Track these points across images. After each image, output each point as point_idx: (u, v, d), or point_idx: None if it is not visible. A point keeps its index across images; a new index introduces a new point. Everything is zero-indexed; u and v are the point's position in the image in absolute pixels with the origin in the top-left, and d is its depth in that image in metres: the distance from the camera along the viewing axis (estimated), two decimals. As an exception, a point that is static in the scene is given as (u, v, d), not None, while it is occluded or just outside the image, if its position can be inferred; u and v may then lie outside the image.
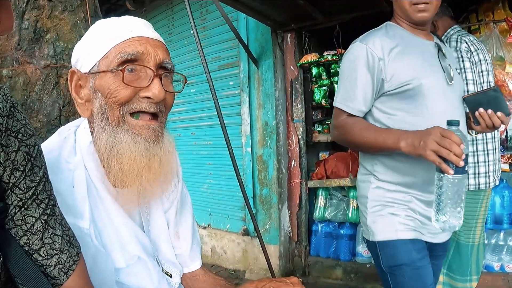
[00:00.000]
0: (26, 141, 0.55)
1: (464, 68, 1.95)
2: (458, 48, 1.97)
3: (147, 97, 0.75)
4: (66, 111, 1.65)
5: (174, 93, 0.83)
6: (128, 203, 0.80)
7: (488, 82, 2.01)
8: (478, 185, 1.99)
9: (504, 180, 2.50)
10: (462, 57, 1.96)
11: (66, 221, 0.62)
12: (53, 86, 1.63)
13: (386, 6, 2.59)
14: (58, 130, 0.82)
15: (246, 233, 3.59)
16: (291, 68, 3.29)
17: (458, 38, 2.01)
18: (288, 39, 3.29)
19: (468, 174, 1.60)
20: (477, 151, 2.00)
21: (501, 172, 2.10)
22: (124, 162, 0.74)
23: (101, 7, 1.95)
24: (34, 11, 1.61)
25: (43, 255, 0.57)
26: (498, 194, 2.49)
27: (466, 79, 1.94)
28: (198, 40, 2.15)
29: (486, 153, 2.00)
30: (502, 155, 2.40)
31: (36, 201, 0.56)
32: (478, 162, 1.99)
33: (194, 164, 4.07)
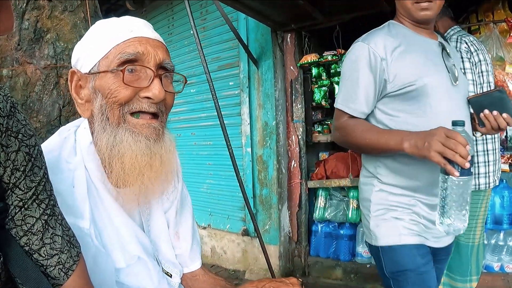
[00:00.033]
0: (27, 141, 0.55)
1: (464, 68, 1.95)
2: (458, 48, 1.98)
3: (147, 97, 0.75)
4: (66, 111, 1.65)
5: (174, 93, 0.83)
6: (128, 203, 0.80)
7: (488, 83, 2.01)
8: (478, 185, 1.99)
9: (504, 180, 2.50)
10: (462, 57, 1.96)
11: (66, 221, 0.62)
12: (53, 86, 1.63)
13: (386, 6, 2.60)
14: (58, 130, 0.82)
15: (246, 233, 3.59)
16: (291, 68, 3.29)
17: (458, 39, 2.01)
18: (288, 39, 3.29)
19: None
20: (477, 152, 2.00)
21: (501, 172, 2.11)
22: (125, 161, 0.73)
23: (101, 7, 1.95)
24: (34, 11, 1.61)
25: (43, 255, 0.57)
26: (498, 194, 2.49)
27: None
28: (198, 40, 2.15)
29: (486, 153, 2.00)
30: (502, 156, 2.40)
31: (36, 201, 0.56)
32: (478, 163, 1.99)
33: (194, 164, 4.07)
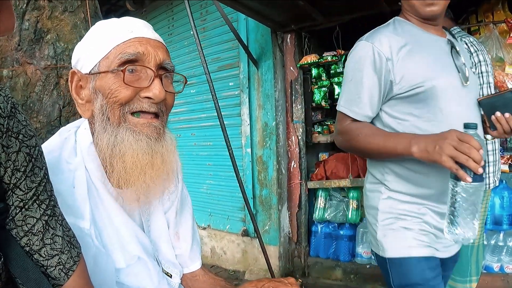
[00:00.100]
0: (27, 142, 0.55)
1: None
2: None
3: (148, 97, 0.75)
4: (66, 112, 1.65)
5: (174, 93, 0.83)
6: (128, 203, 0.80)
7: (488, 83, 2.01)
8: (478, 186, 1.99)
9: (503, 181, 2.50)
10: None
11: (67, 221, 0.62)
12: (53, 86, 1.63)
13: (385, 7, 2.61)
14: (59, 130, 0.82)
15: (245, 233, 3.59)
16: (291, 69, 3.29)
17: (458, 39, 2.01)
18: (288, 40, 3.29)
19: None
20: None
21: (500, 173, 2.10)
22: (126, 160, 0.73)
23: (101, 8, 1.96)
24: (34, 12, 1.61)
25: (44, 256, 0.57)
26: (497, 195, 2.48)
27: None
28: (198, 40, 2.15)
29: (486, 154, 1.99)
30: (501, 156, 2.40)
31: (36, 201, 0.56)
32: (478, 163, 1.99)
33: (194, 164, 4.07)
